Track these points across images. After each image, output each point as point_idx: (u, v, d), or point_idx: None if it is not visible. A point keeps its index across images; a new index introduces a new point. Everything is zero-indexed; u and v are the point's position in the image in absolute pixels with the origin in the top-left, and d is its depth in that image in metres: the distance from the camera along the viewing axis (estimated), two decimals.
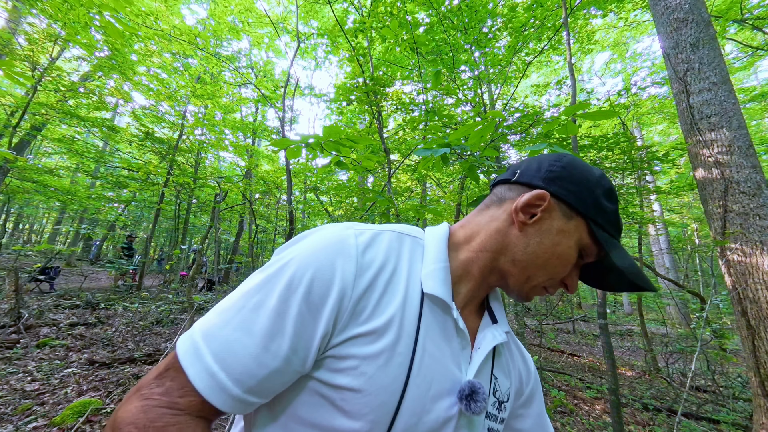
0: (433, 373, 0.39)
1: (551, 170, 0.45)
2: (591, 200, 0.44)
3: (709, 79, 2.52)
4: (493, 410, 0.45)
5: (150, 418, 0.32)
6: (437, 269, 0.43)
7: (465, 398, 0.39)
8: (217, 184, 7.76)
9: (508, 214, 0.45)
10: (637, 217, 5.03)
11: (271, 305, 0.36)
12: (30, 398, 2.19)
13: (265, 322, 0.35)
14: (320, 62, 7.77)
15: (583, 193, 0.44)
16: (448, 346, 0.41)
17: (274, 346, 0.35)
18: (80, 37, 4.69)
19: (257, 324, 0.35)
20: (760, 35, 6.98)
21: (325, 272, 0.37)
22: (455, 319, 0.42)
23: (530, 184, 0.45)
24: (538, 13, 4.39)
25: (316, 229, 0.43)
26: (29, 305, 4.22)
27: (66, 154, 7.91)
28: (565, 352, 5.50)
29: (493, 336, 0.46)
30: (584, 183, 0.44)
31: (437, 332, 0.41)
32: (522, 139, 4.14)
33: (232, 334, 0.35)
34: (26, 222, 20.07)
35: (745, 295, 2.16)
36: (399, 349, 0.37)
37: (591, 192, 0.44)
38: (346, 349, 0.37)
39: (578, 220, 0.44)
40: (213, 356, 0.34)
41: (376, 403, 0.36)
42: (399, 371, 0.37)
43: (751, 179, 2.27)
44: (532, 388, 0.53)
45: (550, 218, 0.44)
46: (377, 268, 0.40)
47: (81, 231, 9.04)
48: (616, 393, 1.69)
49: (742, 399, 3.49)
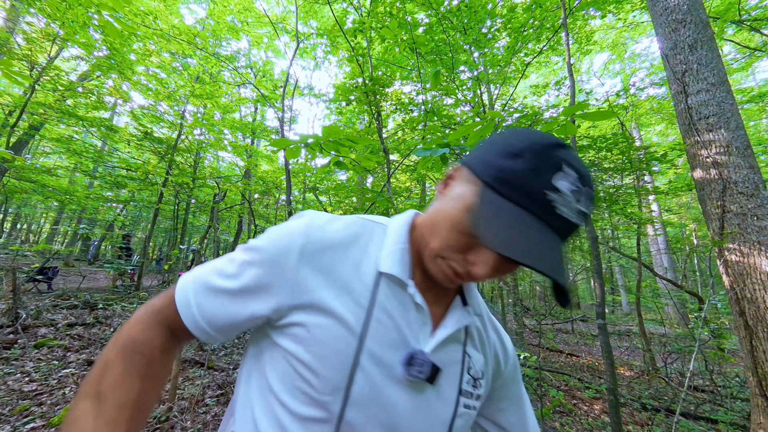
0: (387, 344, 0.41)
1: (478, 147, 0.43)
2: (486, 159, 0.39)
3: (708, 80, 2.53)
4: (468, 387, 0.46)
5: (139, 315, 0.45)
6: (395, 250, 0.45)
7: (405, 364, 0.40)
8: (216, 184, 7.75)
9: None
10: (635, 218, 5.04)
11: (238, 260, 0.45)
12: (28, 399, 2.18)
13: (231, 270, 0.45)
14: (319, 62, 7.76)
15: (484, 155, 0.40)
16: (405, 320, 0.42)
17: (229, 287, 0.44)
18: (79, 37, 4.68)
19: (225, 271, 0.45)
20: (758, 36, 7.01)
21: (282, 247, 0.43)
22: (411, 295, 0.43)
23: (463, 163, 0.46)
24: (537, 14, 4.39)
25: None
26: (27, 305, 4.20)
27: (64, 153, 7.88)
28: (563, 352, 5.51)
29: (461, 316, 0.47)
30: (489, 144, 0.41)
31: (395, 308, 0.42)
32: None
33: (208, 273, 0.46)
34: (24, 222, 19.99)
35: (743, 295, 2.17)
36: (349, 321, 0.40)
37: (490, 152, 0.39)
38: (298, 317, 0.41)
39: (476, 183, 0.39)
40: (192, 285, 0.45)
41: (329, 371, 0.39)
42: (349, 341, 0.40)
43: (749, 180, 2.28)
44: (510, 369, 0.54)
45: (455, 184, 0.43)
46: (331, 246, 0.44)
47: (79, 231, 9.02)
48: (614, 393, 1.69)
49: (739, 399, 3.50)
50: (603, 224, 6.96)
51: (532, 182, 0.35)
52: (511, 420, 0.53)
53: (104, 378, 0.40)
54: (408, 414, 0.40)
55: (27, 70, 4.85)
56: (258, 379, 0.44)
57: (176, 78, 7.05)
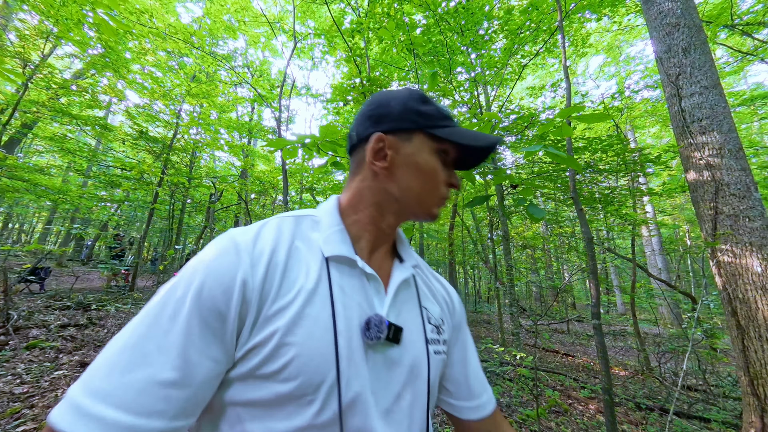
0: (354, 320, 0.43)
1: (371, 116, 0.51)
2: (414, 114, 0.49)
3: (701, 83, 2.56)
4: (434, 335, 0.51)
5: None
6: (333, 233, 0.47)
7: (364, 330, 0.43)
8: (212, 184, 7.70)
9: (370, 170, 0.50)
10: (630, 219, 5.09)
11: (167, 320, 0.36)
12: (19, 401, 2.15)
13: (171, 340, 0.35)
14: (317, 62, 7.76)
15: (404, 113, 0.49)
16: (363, 293, 0.45)
17: (187, 365, 0.35)
18: (73, 34, 4.63)
19: (157, 350, 0.34)
20: (750, 40, 7.12)
21: (220, 276, 0.38)
22: (361, 268, 0.46)
23: (367, 137, 0.50)
24: (534, 16, 4.43)
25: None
26: (18, 306, 4.14)
27: (57, 152, 7.79)
28: (559, 352, 5.54)
29: (400, 272, 0.51)
30: (400, 106, 0.50)
31: (352, 285, 0.45)
32: (518, 141, 4.17)
33: (127, 375, 0.33)
34: (16, 221, 19.71)
35: (735, 296, 2.20)
36: (316, 311, 0.41)
37: (409, 109, 0.49)
38: (265, 332, 0.38)
39: (416, 135, 0.49)
40: (108, 405, 0.31)
41: (314, 364, 0.38)
42: (324, 328, 0.40)
43: (741, 181, 2.31)
44: (458, 316, 0.59)
45: (398, 150, 0.49)
46: (269, 252, 0.43)
47: (72, 231, 8.90)
48: (609, 392, 1.70)
49: (732, 398, 3.54)
50: (598, 225, 7.03)
51: (442, 111, 0.51)
52: (455, 369, 0.56)
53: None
54: (387, 376, 0.43)
55: (20, 68, 4.79)
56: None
57: (172, 77, 7.00)
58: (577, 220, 2.58)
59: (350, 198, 0.52)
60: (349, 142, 0.55)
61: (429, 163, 0.49)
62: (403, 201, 0.50)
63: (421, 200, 0.50)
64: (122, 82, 6.33)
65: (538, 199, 8.47)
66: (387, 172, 0.49)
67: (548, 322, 8.13)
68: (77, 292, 5.89)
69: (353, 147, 0.54)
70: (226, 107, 8.24)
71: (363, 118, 0.52)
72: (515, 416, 2.72)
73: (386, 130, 0.49)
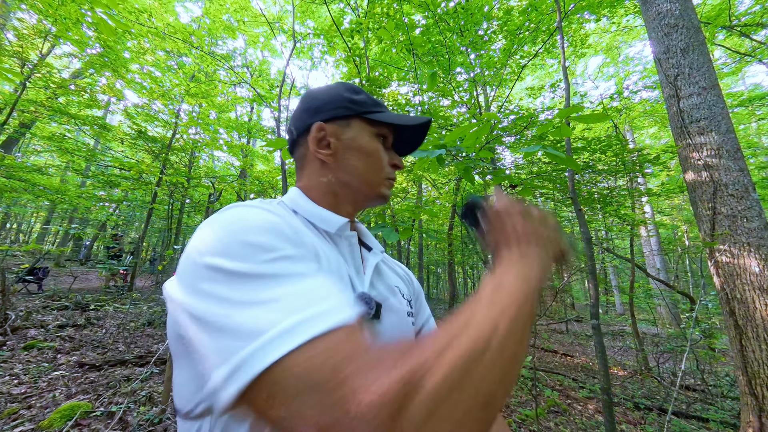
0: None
1: (308, 108, 0.54)
2: (347, 103, 0.52)
3: (699, 84, 2.57)
4: (410, 308, 0.57)
5: None
6: (322, 211, 0.51)
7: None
8: (212, 184, 7.70)
9: (316, 161, 0.53)
10: (628, 219, 5.10)
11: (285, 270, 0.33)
12: (16, 402, 2.14)
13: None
14: (316, 62, 7.74)
15: (339, 102, 0.52)
16: (354, 267, 0.50)
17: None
18: (71, 34, 4.61)
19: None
20: (748, 41, 7.15)
21: (271, 220, 0.38)
22: (349, 237, 0.53)
23: (307, 129, 0.53)
24: (533, 17, 4.44)
25: (219, 218, 0.38)
26: (16, 306, 4.13)
27: (56, 152, 7.75)
28: (558, 353, 5.55)
29: (372, 257, 0.56)
30: (334, 97, 0.53)
31: (338, 263, 0.48)
32: (517, 141, 4.18)
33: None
34: (14, 221, 19.63)
35: (733, 296, 2.20)
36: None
37: (343, 98, 0.53)
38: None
39: (353, 121, 0.53)
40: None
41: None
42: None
43: (739, 182, 2.32)
44: (416, 291, 0.65)
45: (338, 136, 0.52)
46: (284, 221, 0.42)
47: (71, 231, 8.88)
48: (608, 392, 1.71)
49: (730, 397, 3.55)
50: (597, 225, 7.04)
51: (374, 99, 0.55)
52: (423, 335, 0.60)
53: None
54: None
55: (18, 67, 4.77)
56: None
57: (171, 76, 6.99)
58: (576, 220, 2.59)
59: (309, 190, 0.53)
60: (290, 138, 0.57)
61: (371, 144, 0.53)
62: (353, 185, 0.52)
63: (370, 181, 0.53)
64: (121, 81, 6.31)
65: (538, 200, 8.49)
66: (333, 159, 0.51)
67: (547, 322, 8.15)
68: (75, 293, 5.88)
69: (294, 143, 0.56)
70: (225, 107, 8.23)
71: (300, 113, 0.54)
72: (514, 416, 2.72)
73: (324, 119, 0.52)
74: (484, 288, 0.35)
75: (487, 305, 0.32)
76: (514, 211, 0.46)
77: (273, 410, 0.26)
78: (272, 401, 0.26)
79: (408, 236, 2.02)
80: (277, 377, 0.26)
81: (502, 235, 0.45)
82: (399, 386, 0.24)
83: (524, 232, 0.44)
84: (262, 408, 0.26)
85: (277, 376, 0.26)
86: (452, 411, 0.24)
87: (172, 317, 0.36)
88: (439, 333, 0.29)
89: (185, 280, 0.34)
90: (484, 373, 0.26)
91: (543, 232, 0.46)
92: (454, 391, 0.25)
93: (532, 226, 0.45)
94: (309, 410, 0.24)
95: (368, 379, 0.25)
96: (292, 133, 0.55)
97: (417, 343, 0.29)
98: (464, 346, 0.27)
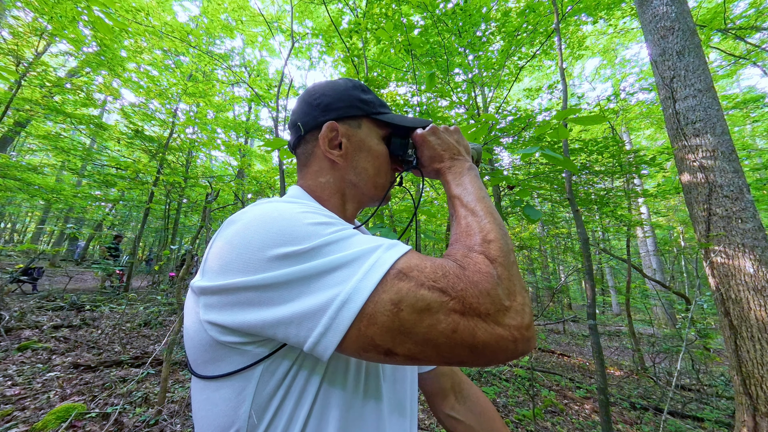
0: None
1: (318, 105, 0.52)
2: (358, 103, 0.52)
3: (695, 86, 2.59)
4: None
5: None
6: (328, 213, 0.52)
7: None
8: (209, 184, 7.65)
9: (324, 160, 0.51)
10: (625, 220, 5.13)
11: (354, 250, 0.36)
12: (10, 403, 2.12)
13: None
14: (315, 62, 7.73)
15: (350, 102, 0.52)
16: None
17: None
18: (68, 32, 4.57)
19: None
20: (743, 44, 7.22)
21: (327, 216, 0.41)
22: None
23: (317, 126, 0.51)
24: (531, 19, 4.46)
25: (254, 213, 0.39)
26: (10, 307, 4.09)
27: (51, 151, 7.69)
28: (555, 353, 5.57)
29: None
30: (344, 95, 0.52)
31: None
32: (514, 142, 4.19)
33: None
34: (8, 221, 19.43)
35: (728, 296, 2.22)
36: None
37: (353, 97, 0.52)
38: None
39: (364, 122, 0.53)
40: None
41: None
42: None
43: (734, 183, 2.34)
44: None
45: (350, 137, 0.51)
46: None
47: (66, 230, 8.80)
48: (604, 392, 1.72)
49: (725, 397, 3.58)
50: (594, 226, 7.08)
51: (380, 99, 0.55)
52: None
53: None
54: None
55: (13, 65, 4.73)
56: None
57: (168, 76, 6.95)
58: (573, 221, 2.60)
59: (313, 190, 0.52)
60: (294, 133, 0.55)
61: (379, 146, 0.53)
62: (361, 186, 0.52)
63: (377, 183, 0.53)
64: (118, 80, 6.26)
65: (535, 200, 8.52)
66: (343, 160, 0.51)
67: (544, 322, 8.17)
68: (70, 293, 5.83)
69: (299, 138, 0.54)
70: (223, 107, 8.19)
71: (308, 108, 0.52)
72: (512, 416, 2.73)
73: (335, 118, 0.51)
74: (459, 197, 0.47)
75: (475, 202, 0.45)
76: (435, 132, 0.55)
77: (387, 333, 0.31)
78: (394, 318, 0.31)
79: (407, 237, 2.02)
80: (383, 299, 0.32)
81: (434, 152, 0.54)
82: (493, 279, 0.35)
83: (449, 146, 0.54)
84: (373, 334, 0.31)
85: (383, 298, 0.32)
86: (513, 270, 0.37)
87: (209, 319, 0.35)
88: (461, 236, 0.41)
89: (246, 269, 0.34)
90: (507, 239, 0.40)
91: (462, 141, 0.56)
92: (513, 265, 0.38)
93: (453, 139, 0.55)
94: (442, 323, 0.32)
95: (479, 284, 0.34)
96: (299, 128, 0.53)
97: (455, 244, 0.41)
98: (494, 234, 0.40)
